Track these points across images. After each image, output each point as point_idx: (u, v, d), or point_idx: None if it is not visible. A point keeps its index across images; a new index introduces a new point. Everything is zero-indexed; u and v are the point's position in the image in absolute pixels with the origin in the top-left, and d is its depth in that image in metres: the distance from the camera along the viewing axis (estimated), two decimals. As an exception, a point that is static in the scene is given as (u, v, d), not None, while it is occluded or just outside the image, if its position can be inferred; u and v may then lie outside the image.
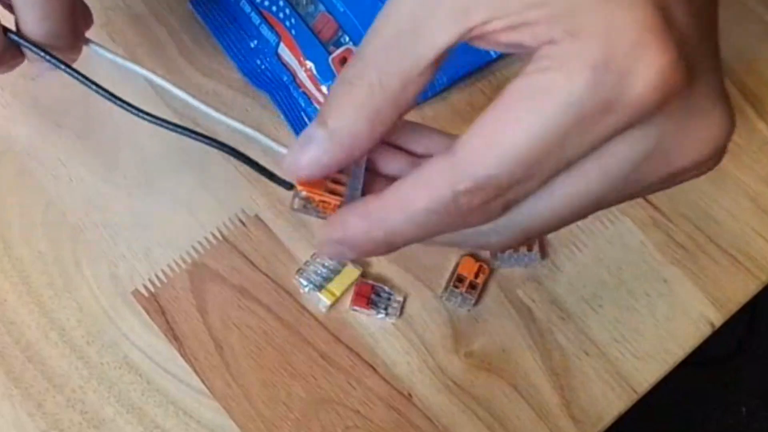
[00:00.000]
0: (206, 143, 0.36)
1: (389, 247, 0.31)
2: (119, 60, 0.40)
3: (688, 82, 0.27)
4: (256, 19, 0.53)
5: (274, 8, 0.53)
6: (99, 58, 0.40)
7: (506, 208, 0.30)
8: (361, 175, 0.33)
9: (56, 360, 0.48)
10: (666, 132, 0.29)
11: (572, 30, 0.26)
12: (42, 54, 0.38)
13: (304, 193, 0.32)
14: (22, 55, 0.40)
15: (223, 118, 0.37)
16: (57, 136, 0.51)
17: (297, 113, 0.52)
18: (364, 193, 0.33)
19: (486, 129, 0.28)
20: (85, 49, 0.41)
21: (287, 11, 0.52)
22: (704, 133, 0.30)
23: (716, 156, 0.31)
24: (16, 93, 0.52)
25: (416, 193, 0.29)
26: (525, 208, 0.31)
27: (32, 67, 0.40)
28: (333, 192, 0.32)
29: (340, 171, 0.32)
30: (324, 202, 0.32)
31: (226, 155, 0.51)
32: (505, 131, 0.27)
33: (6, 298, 0.48)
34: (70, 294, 0.49)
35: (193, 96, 0.38)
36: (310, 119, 0.52)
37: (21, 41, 0.38)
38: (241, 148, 0.35)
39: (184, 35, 0.54)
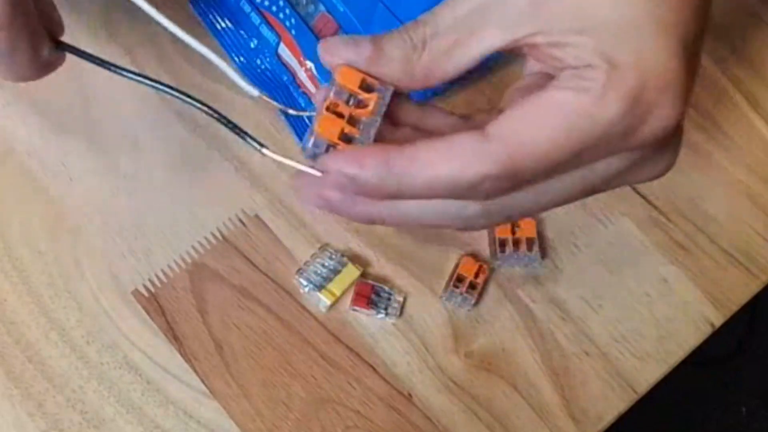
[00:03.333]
0: (185, 101, 0.38)
1: (392, 198, 0.33)
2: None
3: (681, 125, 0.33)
4: (256, 19, 0.53)
5: (274, 8, 0.53)
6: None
7: (510, 193, 0.33)
8: (376, 125, 0.34)
9: (56, 360, 0.48)
10: (645, 156, 0.33)
11: (612, 60, 0.30)
12: (86, 57, 0.40)
13: (315, 139, 0.34)
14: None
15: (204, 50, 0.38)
16: (57, 136, 0.51)
17: (297, 113, 0.52)
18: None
19: (523, 125, 0.31)
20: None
21: (287, 11, 0.52)
22: (664, 160, 0.35)
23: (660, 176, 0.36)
24: (17, 93, 0.52)
25: (444, 161, 0.31)
26: (516, 201, 0.34)
27: None
28: (347, 140, 0.34)
29: (353, 124, 0.34)
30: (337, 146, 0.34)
31: (226, 156, 0.52)
32: (541, 134, 0.31)
33: (6, 298, 0.48)
34: (70, 294, 0.49)
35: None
36: (310, 119, 0.52)
37: (72, 50, 0.40)
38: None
39: (184, 35, 0.54)
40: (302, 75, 0.52)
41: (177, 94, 0.38)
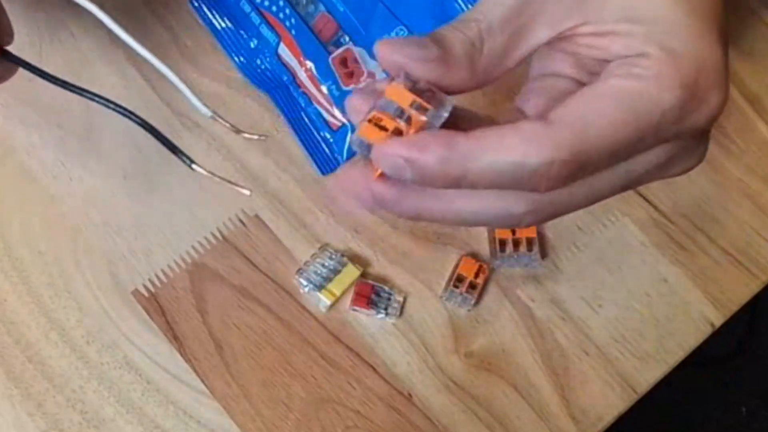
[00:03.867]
0: (119, 112, 0.38)
1: (452, 185, 0.31)
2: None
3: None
4: (256, 19, 0.53)
5: (274, 8, 0.53)
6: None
7: (570, 183, 0.32)
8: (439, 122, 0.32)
9: (56, 360, 0.48)
10: (684, 148, 0.33)
11: (668, 49, 0.31)
12: (32, 70, 0.40)
13: (359, 137, 0.31)
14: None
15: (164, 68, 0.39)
16: (57, 136, 0.51)
17: (297, 113, 0.52)
18: None
19: (586, 111, 0.31)
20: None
21: (287, 11, 0.52)
22: (698, 154, 0.35)
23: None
24: (16, 93, 0.52)
25: (512, 145, 0.30)
26: (566, 197, 0.33)
27: None
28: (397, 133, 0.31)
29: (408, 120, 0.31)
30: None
31: (226, 156, 0.52)
32: (604, 118, 0.31)
33: (6, 298, 0.48)
34: (70, 294, 0.49)
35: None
36: (310, 119, 0.52)
37: (19, 62, 0.40)
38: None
39: (184, 35, 0.54)
40: (302, 75, 0.52)
41: (113, 106, 0.38)
